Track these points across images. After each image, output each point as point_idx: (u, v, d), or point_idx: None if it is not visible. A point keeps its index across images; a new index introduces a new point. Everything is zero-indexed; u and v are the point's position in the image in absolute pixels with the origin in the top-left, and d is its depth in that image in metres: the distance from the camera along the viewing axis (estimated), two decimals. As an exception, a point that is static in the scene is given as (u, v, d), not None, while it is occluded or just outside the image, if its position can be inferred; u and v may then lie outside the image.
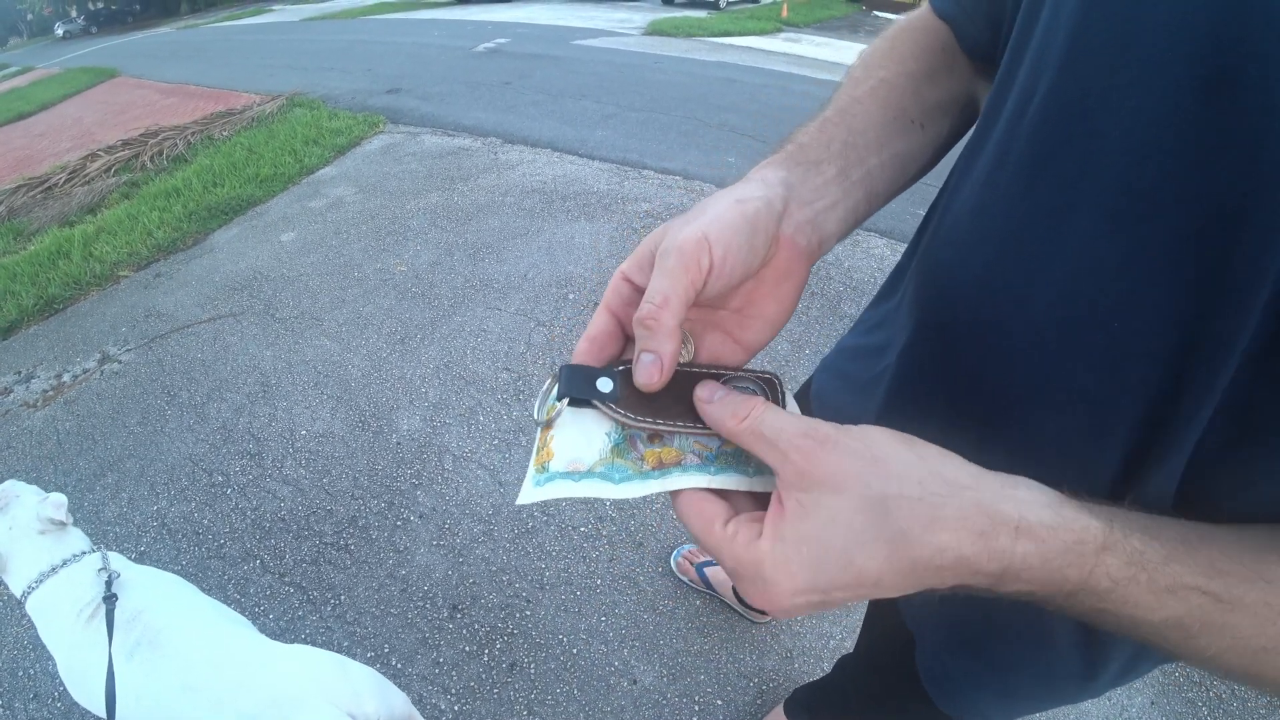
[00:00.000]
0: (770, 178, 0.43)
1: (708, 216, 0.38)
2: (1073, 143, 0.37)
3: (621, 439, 0.41)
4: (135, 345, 3.21)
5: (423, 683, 1.75)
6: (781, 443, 0.34)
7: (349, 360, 2.94)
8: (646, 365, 0.37)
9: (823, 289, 3.22)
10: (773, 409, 0.37)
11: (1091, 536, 0.31)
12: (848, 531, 0.32)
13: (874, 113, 0.51)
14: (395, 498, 2.26)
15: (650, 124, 5.81)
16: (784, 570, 0.33)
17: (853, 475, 0.32)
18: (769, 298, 0.42)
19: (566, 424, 0.41)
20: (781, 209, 0.41)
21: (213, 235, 4.27)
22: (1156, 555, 0.31)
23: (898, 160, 0.52)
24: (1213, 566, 0.32)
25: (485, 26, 12.52)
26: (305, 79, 8.34)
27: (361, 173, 4.96)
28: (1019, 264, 0.42)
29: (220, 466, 2.45)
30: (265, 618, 1.92)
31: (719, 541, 0.36)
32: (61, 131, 8.46)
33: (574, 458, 0.40)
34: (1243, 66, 0.30)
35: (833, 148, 0.48)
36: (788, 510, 0.34)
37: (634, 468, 0.40)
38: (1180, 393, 0.36)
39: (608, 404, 0.40)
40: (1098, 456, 0.41)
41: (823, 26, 14.57)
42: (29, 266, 3.98)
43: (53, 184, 5.67)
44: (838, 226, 0.46)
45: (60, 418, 2.80)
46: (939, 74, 0.55)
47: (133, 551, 2.14)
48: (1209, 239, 0.33)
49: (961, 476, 0.33)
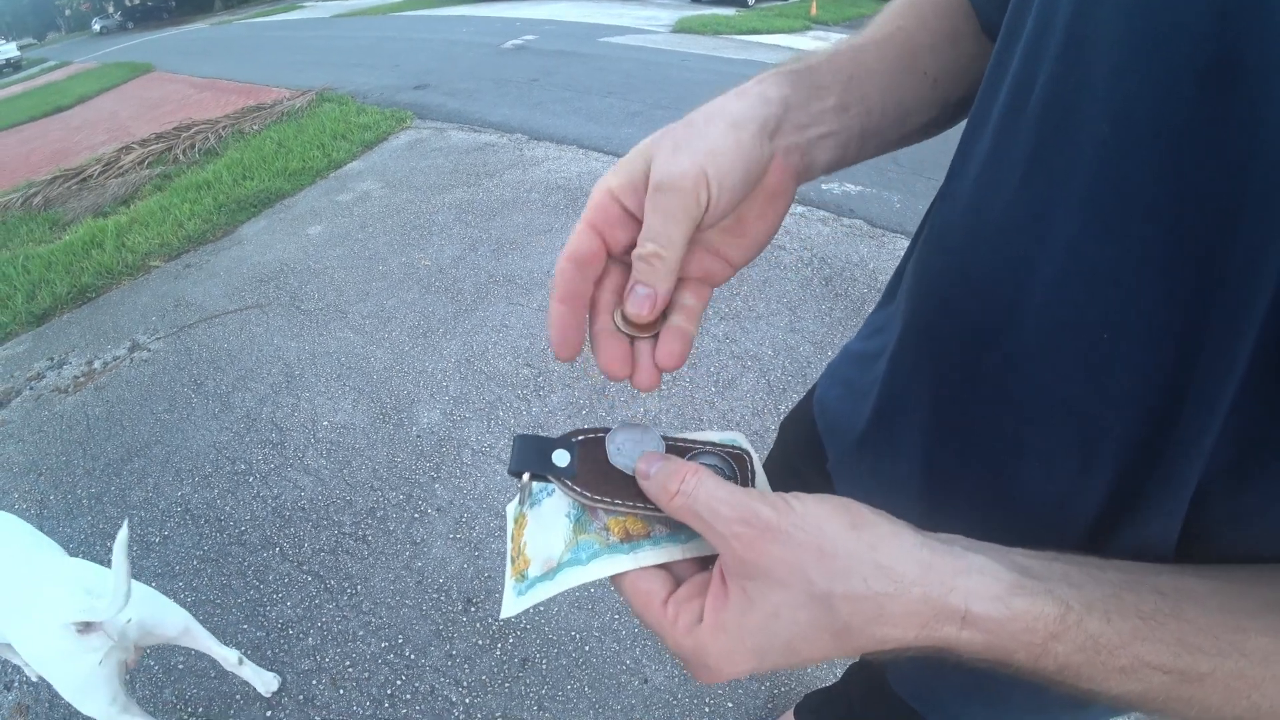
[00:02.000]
0: (770, 94, 0.41)
1: (704, 147, 0.36)
2: (1064, 136, 0.36)
3: (581, 512, 0.40)
4: (164, 334, 3.27)
5: (435, 675, 1.76)
6: (719, 526, 0.33)
7: (372, 353, 2.97)
8: (641, 297, 0.36)
9: (847, 290, 3.18)
10: (708, 482, 0.35)
11: (1042, 625, 0.31)
12: (792, 625, 0.32)
13: (888, 56, 0.49)
14: (414, 490, 2.28)
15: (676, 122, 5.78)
16: (727, 659, 0.33)
17: (797, 570, 0.32)
18: (757, 218, 0.41)
19: (531, 523, 0.40)
20: (775, 129, 0.40)
21: (241, 227, 4.33)
22: (1115, 638, 0.31)
23: (901, 108, 0.49)
24: (1181, 643, 0.31)
25: (513, 23, 12.58)
26: (334, 74, 8.43)
27: (388, 167, 5.00)
28: (1008, 265, 0.40)
29: (243, 455, 2.49)
30: (283, 604, 1.94)
31: (658, 624, 0.36)
32: (97, 125, 8.64)
33: (545, 556, 0.39)
34: (1241, 56, 0.28)
35: (839, 77, 0.46)
36: (731, 598, 0.33)
37: (600, 540, 0.38)
38: (1175, 413, 0.34)
39: (563, 480, 0.39)
40: (1085, 477, 0.39)
41: (852, 24, 14.43)
42: (64, 255, 4.07)
43: (88, 175, 5.79)
44: (827, 156, 0.45)
45: (90, 403, 2.86)
46: (961, 38, 0.53)
47: (157, 535, 2.19)
48: (1204, 241, 0.31)
49: (910, 568, 0.31)
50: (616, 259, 0.40)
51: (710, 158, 0.36)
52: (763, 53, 9.60)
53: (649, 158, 0.37)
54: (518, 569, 0.39)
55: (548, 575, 0.38)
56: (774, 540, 0.32)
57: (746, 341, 2.86)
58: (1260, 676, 0.30)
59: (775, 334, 2.90)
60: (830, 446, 0.72)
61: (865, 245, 3.55)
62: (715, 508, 0.33)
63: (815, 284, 3.23)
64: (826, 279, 3.26)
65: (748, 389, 2.63)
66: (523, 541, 0.40)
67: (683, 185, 0.35)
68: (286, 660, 1.80)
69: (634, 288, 0.37)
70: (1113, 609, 0.31)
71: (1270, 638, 0.31)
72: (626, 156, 0.39)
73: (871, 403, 0.59)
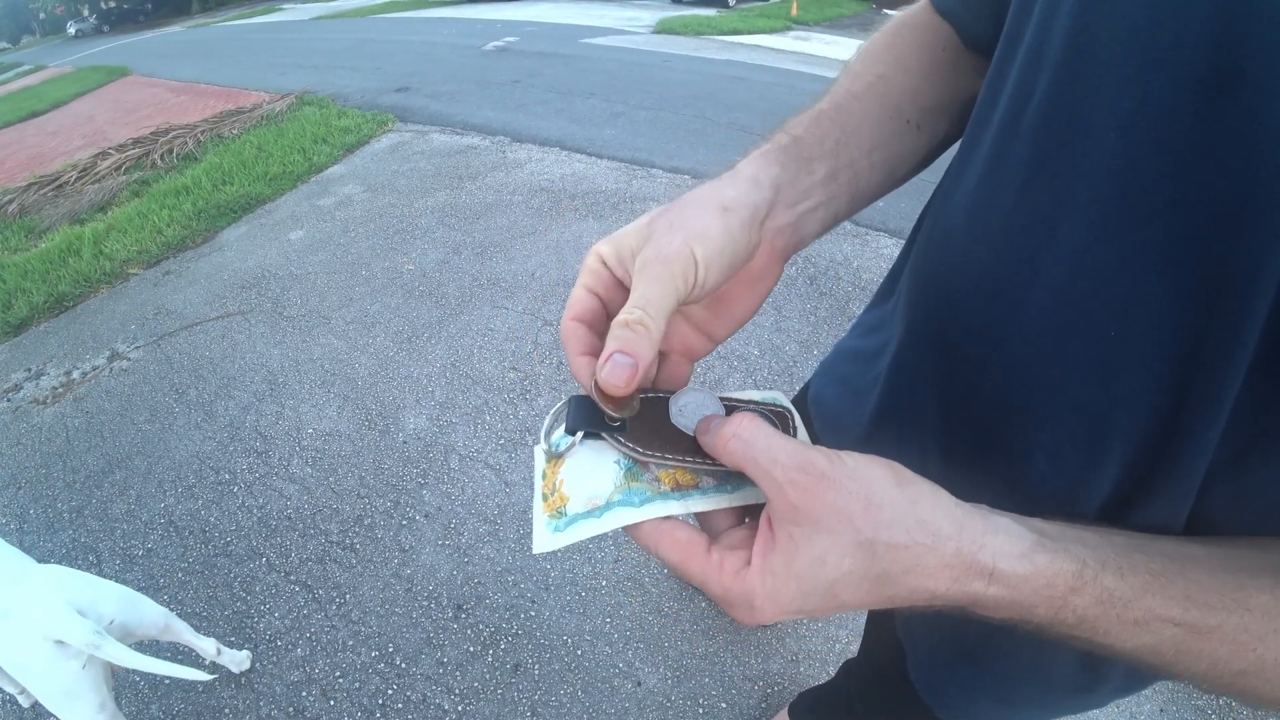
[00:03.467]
0: (762, 177, 0.43)
1: (694, 227, 0.38)
2: (1070, 144, 0.37)
3: (632, 464, 0.40)
4: (144, 343, 3.22)
5: (426, 683, 1.74)
6: (776, 472, 0.34)
7: (356, 359, 2.94)
8: (620, 365, 0.36)
9: (832, 289, 3.20)
10: (764, 429, 0.36)
11: (1061, 580, 0.33)
12: (836, 570, 0.33)
13: (870, 110, 0.51)
14: (401, 497, 2.26)
15: (659, 122, 5.79)
16: (773, 601, 0.34)
17: (846, 518, 0.33)
18: (741, 297, 0.43)
19: (572, 463, 0.40)
20: (766, 213, 0.42)
21: (222, 233, 4.28)
22: (1128, 592, 0.33)
23: (888, 163, 0.51)
24: (1189, 598, 0.33)
25: (494, 25, 12.53)
26: (315, 77, 8.37)
27: (370, 171, 4.97)
28: (1014, 268, 0.41)
29: (227, 464, 2.46)
30: (270, 616, 1.92)
31: (704, 570, 0.37)
32: (73, 130, 8.51)
33: (591, 494, 0.39)
34: (1243, 66, 0.29)
35: (825, 145, 0.47)
36: (779, 542, 0.34)
37: (652, 489, 0.39)
38: (1181, 408, 0.35)
39: (617, 437, 0.39)
40: (1093, 471, 0.40)
41: (833, 25, 14.52)
42: (40, 264, 4.00)
43: (64, 182, 5.70)
44: (818, 228, 0.47)
45: (69, 414, 2.81)
46: (941, 74, 0.54)
47: (140, 548, 2.15)
48: (1208, 244, 0.32)
49: (945, 525, 0.33)
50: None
51: (700, 240, 0.37)
52: (744, 53, 9.63)
53: (644, 235, 0.39)
54: (552, 505, 0.40)
55: (593, 513, 0.38)
56: (828, 488, 0.33)
57: (732, 341, 2.86)
58: (1264, 630, 0.32)
59: (761, 333, 2.91)
60: (829, 444, 0.72)
61: (849, 244, 3.57)
62: (774, 455, 0.35)
63: (800, 283, 3.25)
64: (811, 278, 3.28)
65: (733, 388, 2.62)
66: (558, 479, 0.40)
67: (672, 262, 0.36)
68: (275, 673, 1.78)
69: (612, 355, 0.36)
70: (1125, 566, 0.33)
71: (1270, 595, 0.33)
72: (623, 229, 0.41)
73: (873, 402, 0.60)
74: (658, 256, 0.37)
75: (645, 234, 0.39)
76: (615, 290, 0.41)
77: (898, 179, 0.54)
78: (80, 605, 1.27)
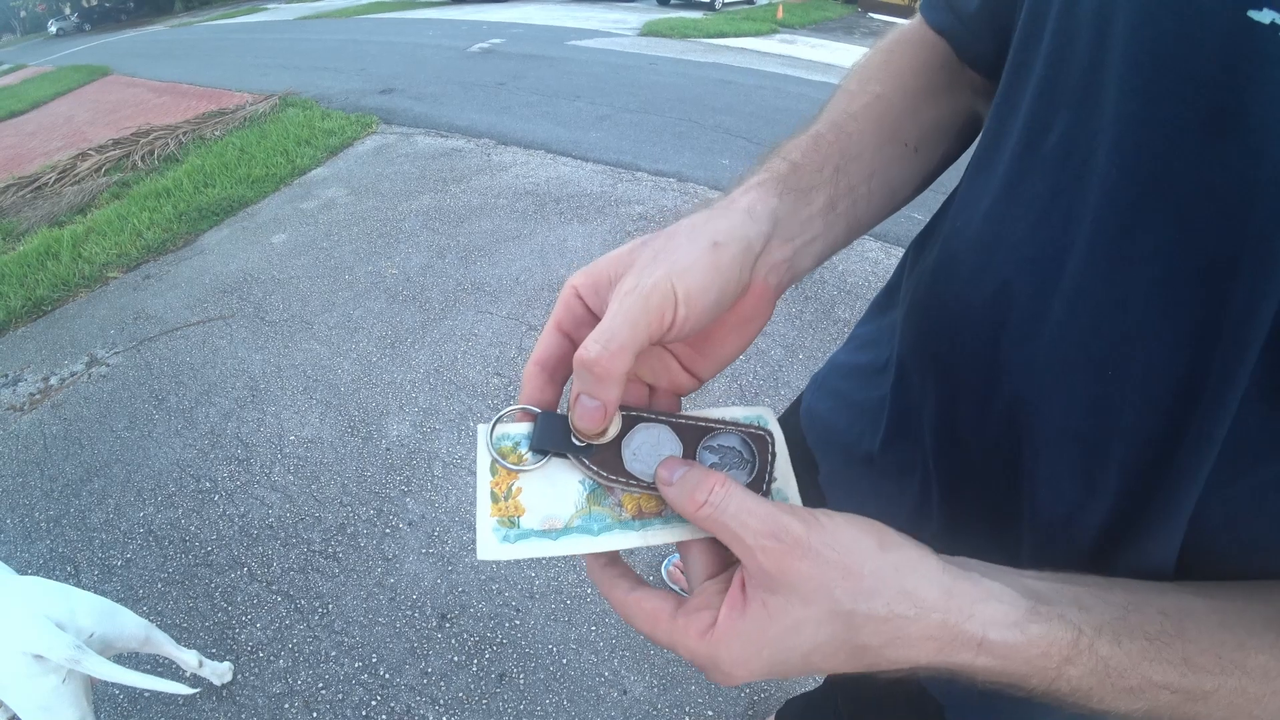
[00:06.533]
0: (759, 209, 0.40)
1: (680, 261, 0.35)
2: (1081, 182, 0.36)
3: (596, 485, 0.39)
4: (123, 348, 3.18)
5: (411, 693, 1.73)
6: (748, 538, 0.33)
7: (339, 364, 2.92)
8: (589, 410, 0.35)
9: (817, 293, 3.21)
10: (735, 493, 0.34)
11: (1056, 650, 0.32)
12: (812, 640, 0.32)
13: (868, 133, 0.49)
14: (384, 505, 2.25)
15: (644, 125, 5.79)
16: (744, 666, 0.33)
17: (823, 588, 0.32)
18: (728, 338, 0.40)
19: (535, 475, 0.39)
20: (760, 249, 0.39)
21: (203, 236, 4.24)
22: (1124, 660, 0.32)
23: (887, 188, 0.50)
24: (1186, 661, 0.32)
25: (480, 27, 12.49)
26: (298, 78, 8.30)
27: (354, 174, 4.93)
28: (1019, 301, 0.41)
29: (208, 472, 2.43)
30: (252, 626, 1.90)
31: (670, 635, 0.36)
32: (52, 130, 8.40)
33: (549, 514, 0.38)
34: (1245, 106, 0.29)
35: (824, 172, 0.45)
36: (750, 608, 0.33)
37: (613, 515, 0.38)
38: (1177, 441, 0.35)
39: (581, 459, 0.38)
40: (1089, 498, 0.40)
41: (818, 28, 14.57)
42: (17, 267, 3.94)
43: (42, 183, 5.63)
44: (813, 261, 0.45)
45: (47, 421, 2.77)
46: (939, 92, 0.53)
47: (119, 558, 2.12)
48: (1206, 283, 0.32)
49: (931, 593, 0.32)
50: None
51: (684, 275, 0.35)
52: (730, 56, 9.65)
53: (625, 264, 0.37)
54: (504, 511, 0.38)
55: (549, 534, 0.37)
56: (802, 556, 0.32)
57: (719, 347, 2.86)
58: (1261, 692, 0.32)
59: (747, 338, 2.91)
60: (823, 459, 0.72)
61: (835, 248, 3.58)
62: (744, 520, 0.33)
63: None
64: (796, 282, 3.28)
65: (719, 394, 2.64)
66: (514, 485, 0.38)
67: (649, 296, 0.34)
68: (257, 684, 1.76)
69: (580, 398, 0.35)
70: (1121, 631, 0.32)
71: (1269, 655, 0.32)
72: (603, 257, 0.38)
73: (883, 424, 0.59)
74: (636, 289, 0.34)
75: (626, 262, 0.37)
76: (586, 326, 0.38)
77: (895, 204, 0.52)
78: (59, 618, 1.25)
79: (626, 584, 0.39)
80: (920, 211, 0.58)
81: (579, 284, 0.38)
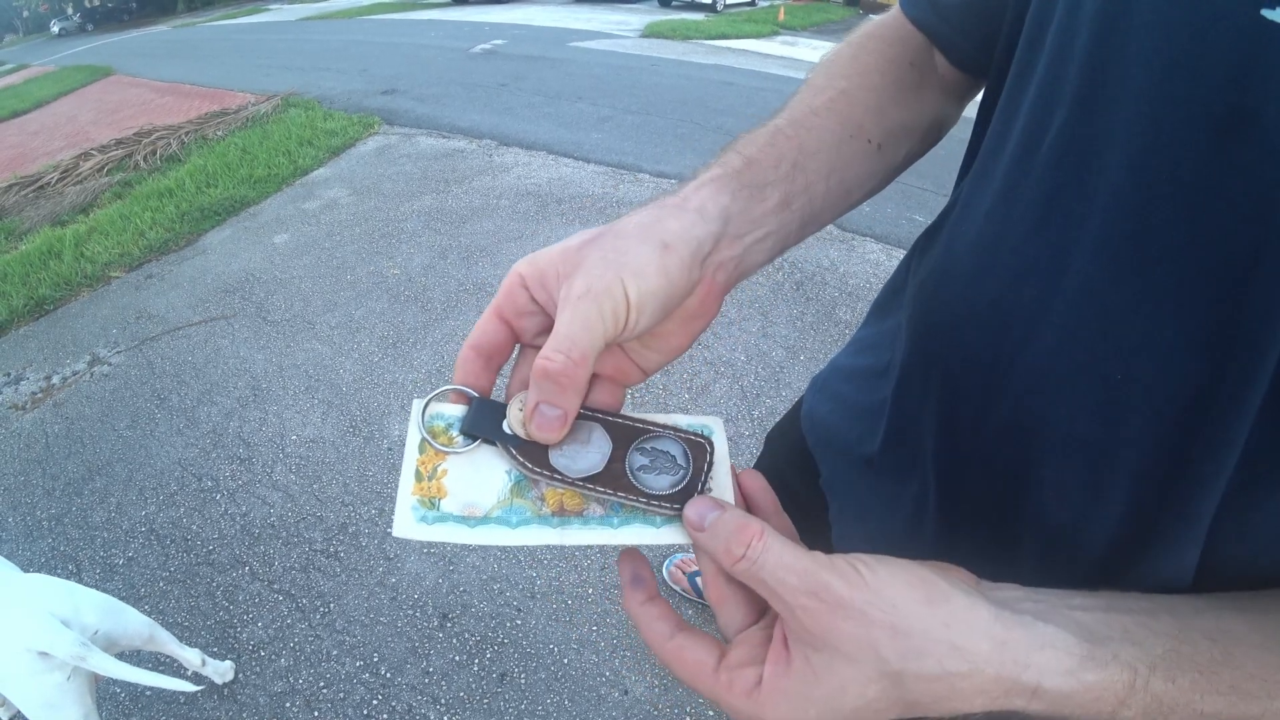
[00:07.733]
0: (710, 208, 0.40)
1: (631, 263, 0.35)
2: (1083, 181, 0.36)
3: (522, 477, 0.38)
4: (126, 347, 3.19)
5: (412, 693, 1.73)
6: (786, 596, 0.32)
7: (341, 364, 2.92)
8: (550, 419, 0.35)
9: (818, 294, 3.21)
10: (773, 547, 0.33)
11: (1111, 694, 0.31)
12: (859, 699, 0.31)
13: (830, 129, 0.48)
14: (386, 504, 2.25)
15: (646, 127, 5.80)
16: None
17: (869, 648, 0.31)
18: (676, 333, 0.40)
19: (462, 458, 0.38)
20: (710, 248, 0.39)
21: (205, 236, 4.25)
22: (1177, 696, 0.31)
23: (844, 185, 0.49)
24: (1235, 689, 0.31)
25: (482, 28, 12.50)
26: (301, 79, 8.31)
27: (356, 174, 4.94)
28: (1021, 305, 0.40)
29: (210, 471, 2.43)
30: (254, 625, 1.90)
31: (711, 689, 0.35)
32: (55, 130, 8.41)
33: (470, 501, 0.37)
34: (1259, 107, 0.28)
35: (781, 169, 0.44)
36: (794, 665, 0.32)
37: (533, 508, 0.38)
38: (1190, 450, 0.34)
39: (509, 449, 0.38)
40: (1097, 506, 0.39)
41: (820, 30, 14.57)
42: (20, 266, 3.95)
43: (45, 183, 5.64)
44: (763, 258, 0.44)
45: (49, 420, 2.78)
46: (906, 90, 0.52)
47: (120, 557, 2.13)
48: (1219, 288, 0.31)
49: (984, 646, 0.31)
50: (530, 345, 0.40)
51: (635, 278, 0.35)
52: (732, 58, 9.66)
53: (573, 262, 0.36)
54: (426, 491, 0.37)
55: (466, 521, 0.37)
56: (845, 617, 0.31)
57: (719, 347, 2.87)
58: None
59: (748, 339, 2.92)
60: (824, 462, 0.71)
61: (835, 249, 3.59)
62: (782, 577, 0.32)
63: (786, 288, 3.26)
64: (798, 283, 3.29)
65: (720, 395, 2.64)
66: (440, 467, 0.38)
67: (602, 300, 0.34)
68: (259, 683, 1.77)
69: (539, 407, 0.35)
70: (1174, 666, 0.32)
71: None
72: (548, 249, 0.38)
73: (882, 427, 0.59)
74: (588, 292, 0.34)
75: (574, 261, 0.36)
76: (528, 316, 0.38)
77: (853, 201, 0.51)
78: (64, 615, 1.25)
79: (667, 627, 0.37)
80: (922, 213, 0.58)
81: (525, 273, 0.38)
